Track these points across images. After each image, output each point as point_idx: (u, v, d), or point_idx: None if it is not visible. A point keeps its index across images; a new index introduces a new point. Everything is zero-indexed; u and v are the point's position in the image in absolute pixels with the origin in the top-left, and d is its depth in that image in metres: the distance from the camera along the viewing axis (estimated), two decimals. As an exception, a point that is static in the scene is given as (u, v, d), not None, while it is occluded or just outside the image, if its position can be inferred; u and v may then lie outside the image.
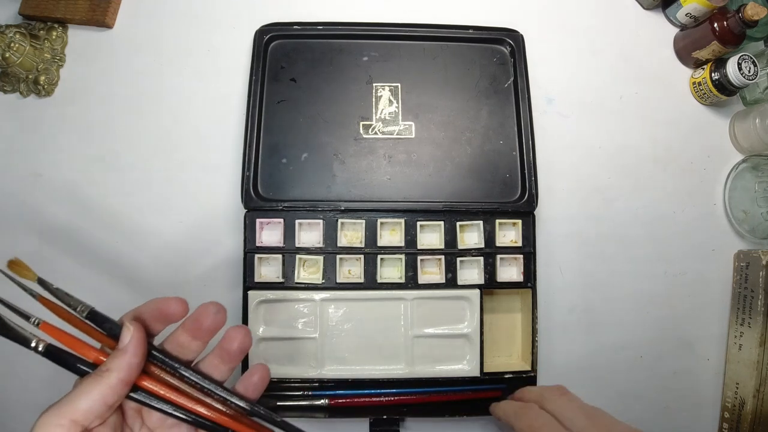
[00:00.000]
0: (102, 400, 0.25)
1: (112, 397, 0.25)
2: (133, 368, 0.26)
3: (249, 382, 0.31)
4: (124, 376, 0.26)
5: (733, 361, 0.51)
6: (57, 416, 0.24)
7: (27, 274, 0.28)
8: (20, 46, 0.50)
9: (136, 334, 0.26)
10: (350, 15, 0.54)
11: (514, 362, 0.49)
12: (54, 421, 0.24)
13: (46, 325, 0.27)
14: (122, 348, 0.26)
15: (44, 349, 0.26)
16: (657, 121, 0.56)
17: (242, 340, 0.30)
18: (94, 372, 0.26)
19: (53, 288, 0.28)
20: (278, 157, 0.49)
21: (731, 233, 0.55)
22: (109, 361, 0.26)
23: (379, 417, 0.46)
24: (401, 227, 0.47)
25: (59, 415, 0.24)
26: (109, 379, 0.25)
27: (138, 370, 0.27)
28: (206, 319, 0.29)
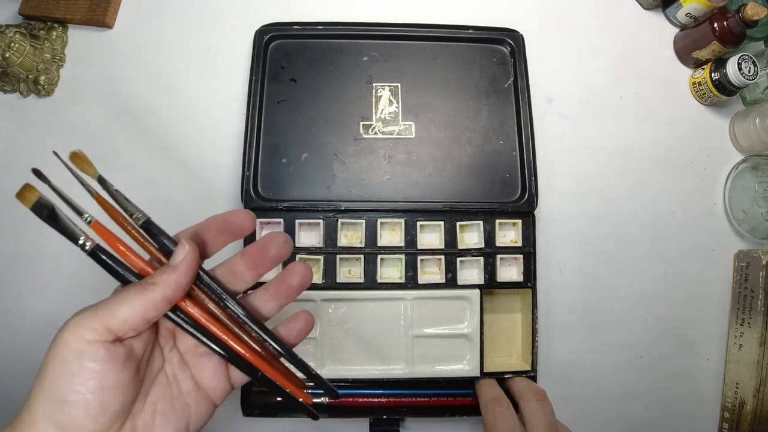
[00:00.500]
0: (141, 313, 0.24)
1: (152, 312, 0.24)
2: (180, 288, 0.25)
3: (293, 327, 0.30)
4: (168, 294, 0.25)
5: (733, 361, 0.51)
6: (92, 319, 0.23)
7: (88, 170, 0.27)
8: (20, 46, 0.50)
9: (190, 254, 0.26)
10: (350, 15, 0.54)
11: (514, 362, 0.49)
12: (88, 324, 0.23)
13: (98, 224, 0.26)
14: (173, 265, 0.25)
15: (91, 248, 0.25)
16: (657, 121, 0.56)
17: (304, 274, 0.29)
18: (138, 282, 0.25)
19: (113, 189, 0.27)
20: (278, 157, 0.49)
21: (731, 233, 0.55)
22: (156, 275, 0.25)
23: (379, 417, 0.46)
24: (401, 227, 0.47)
25: (95, 318, 0.23)
26: (153, 294, 0.24)
27: (184, 291, 0.26)
28: (273, 247, 0.28)
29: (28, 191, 0.26)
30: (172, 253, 0.26)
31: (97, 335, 0.23)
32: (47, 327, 0.49)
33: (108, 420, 0.23)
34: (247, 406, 0.45)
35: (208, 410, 0.28)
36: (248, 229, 0.28)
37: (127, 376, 0.24)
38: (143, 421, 0.25)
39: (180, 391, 0.27)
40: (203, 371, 0.28)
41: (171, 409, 0.26)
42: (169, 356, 0.28)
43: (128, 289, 0.25)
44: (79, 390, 0.22)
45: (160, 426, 0.26)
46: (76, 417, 0.22)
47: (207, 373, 0.28)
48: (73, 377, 0.22)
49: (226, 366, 0.29)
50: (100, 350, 0.23)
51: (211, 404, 0.29)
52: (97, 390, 0.23)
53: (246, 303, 0.29)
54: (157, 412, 0.26)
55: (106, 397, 0.23)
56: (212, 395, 0.29)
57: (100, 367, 0.23)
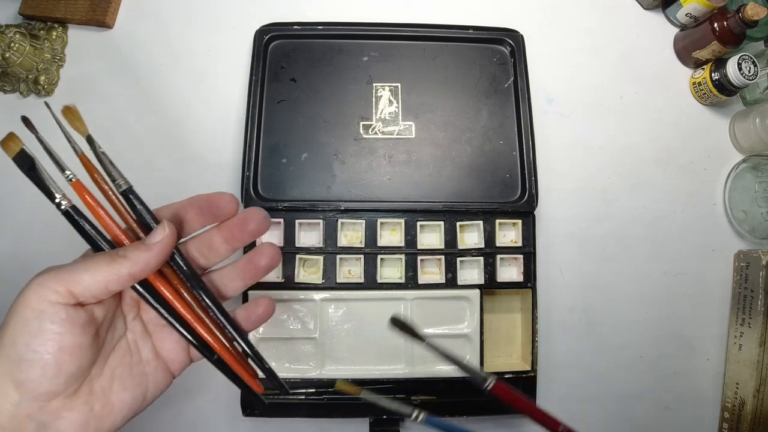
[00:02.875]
0: (105, 284, 0.24)
1: (116, 285, 0.24)
2: (148, 267, 0.25)
3: (251, 312, 0.30)
4: (136, 271, 0.24)
5: (733, 361, 0.51)
6: (55, 281, 0.23)
7: (79, 127, 0.26)
8: (20, 46, 0.50)
9: (167, 238, 0.25)
10: (350, 15, 0.54)
11: (514, 362, 0.49)
12: (51, 285, 0.23)
13: (79, 184, 0.25)
14: (147, 244, 0.25)
15: (66, 208, 0.25)
16: (657, 121, 0.56)
17: (272, 256, 0.29)
18: (108, 252, 0.25)
19: (99, 151, 0.26)
20: (278, 157, 0.49)
21: (731, 233, 0.55)
22: (129, 249, 0.25)
23: (379, 417, 0.46)
24: (401, 227, 0.47)
25: (58, 280, 0.23)
26: (120, 267, 0.24)
27: (152, 271, 0.25)
28: (252, 222, 0.28)
29: (11, 140, 0.26)
30: (149, 227, 0.26)
31: (59, 297, 0.23)
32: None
33: (64, 381, 0.23)
34: (247, 406, 0.45)
35: (165, 380, 0.28)
36: (230, 212, 0.28)
37: (85, 341, 0.24)
38: (100, 385, 0.25)
39: (140, 359, 0.28)
40: (164, 342, 0.28)
41: (129, 376, 0.27)
42: (132, 324, 0.28)
43: (97, 256, 0.24)
44: (37, 350, 0.23)
45: (117, 391, 0.26)
46: (33, 376, 0.23)
47: (168, 344, 0.28)
48: (32, 336, 0.23)
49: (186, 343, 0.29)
50: (60, 312, 0.23)
51: (169, 375, 0.29)
52: (54, 351, 0.23)
53: (212, 279, 0.29)
54: (115, 378, 0.26)
55: (64, 358, 0.23)
56: (171, 366, 0.29)
57: (59, 329, 0.23)
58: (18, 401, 0.23)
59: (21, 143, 0.26)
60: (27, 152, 0.26)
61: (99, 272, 0.24)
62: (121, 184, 0.26)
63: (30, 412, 0.23)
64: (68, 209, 0.25)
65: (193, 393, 0.48)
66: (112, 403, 0.26)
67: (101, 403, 0.25)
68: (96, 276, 0.24)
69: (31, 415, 0.23)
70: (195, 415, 0.48)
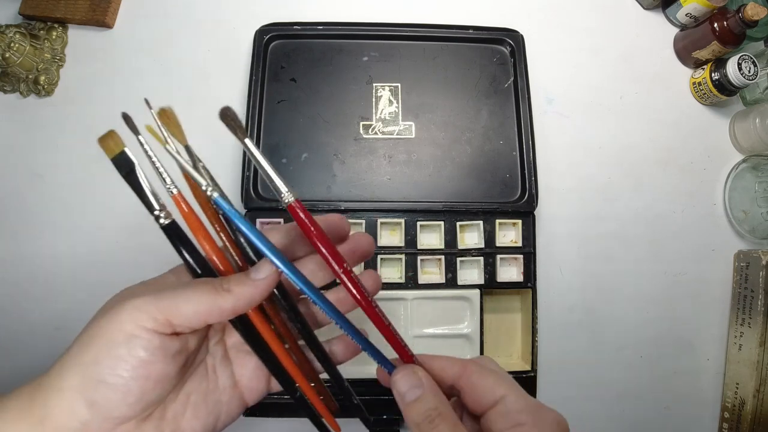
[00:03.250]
0: (206, 316, 0.22)
1: (216, 318, 0.23)
2: (252, 304, 0.23)
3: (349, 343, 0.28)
4: (239, 307, 0.23)
5: (733, 361, 0.51)
6: (155, 307, 0.22)
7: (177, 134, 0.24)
8: (20, 46, 0.50)
9: (275, 275, 0.24)
10: (350, 15, 0.54)
11: (514, 362, 0.49)
12: (150, 311, 0.22)
13: (181, 197, 0.23)
14: (254, 279, 0.23)
15: (166, 223, 0.23)
16: (657, 121, 0.56)
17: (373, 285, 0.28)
18: (211, 282, 0.23)
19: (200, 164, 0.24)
20: (278, 157, 0.49)
21: (731, 233, 0.55)
22: (233, 282, 0.23)
23: (379, 417, 0.46)
24: (401, 227, 0.47)
25: (158, 307, 0.22)
26: (224, 302, 0.22)
27: (254, 306, 0.24)
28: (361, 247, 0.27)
29: (112, 139, 0.23)
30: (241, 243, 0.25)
31: (156, 325, 0.22)
32: (47, 327, 0.49)
33: (142, 408, 0.22)
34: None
35: (239, 409, 0.27)
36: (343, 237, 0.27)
37: (173, 369, 0.23)
38: (173, 411, 0.24)
39: (216, 386, 0.26)
40: (244, 369, 0.27)
41: (203, 403, 0.25)
42: (213, 348, 0.27)
43: (199, 286, 0.23)
44: (121, 374, 0.21)
45: (189, 419, 0.25)
46: (112, 399, 0.21)
47: (247, 372, 0.27)
48: (119, 360, 0.21)
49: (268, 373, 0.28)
50: (154, 340, 0.22)
51: (243, 404, 0.27)
52: (140, 378, 0.22)
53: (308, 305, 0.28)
54: (189, 404, 0.25)
55: (148, 386, 0.22)
56: (246, 395, 0.27)
57: (149, 357, 0.22)
58: (87, 420, 0.21)
59: (123, 144, 0.24)
60: (128, 156, 0.23)
61: (201, 303, 0.22)
62: None
63: None
64: (167, 225, 0.23)
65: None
66: (182, 430, 0.24)
67: (171, 429, 0.24)
68: (198, 308, 0.22)
69: None
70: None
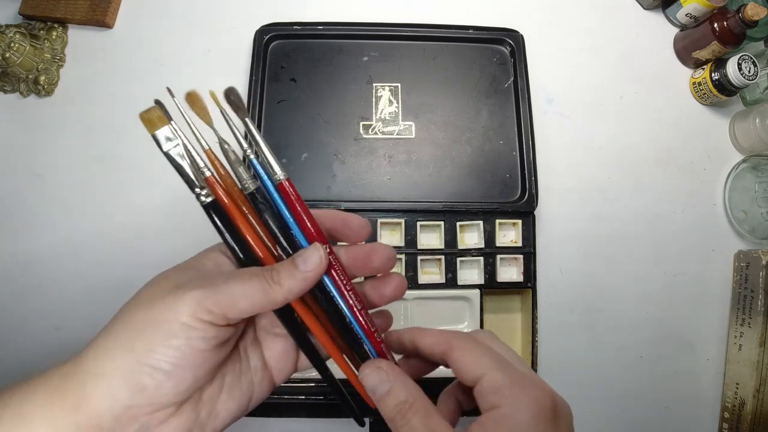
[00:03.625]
0: (259, 308, 0.23)
1: (267, 308, 0.23)
2: (300, 294, 0.23)
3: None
4: (290, 300, 0.23)
5: (733, 361, 0.51)
6: (213, 302, 0.22)
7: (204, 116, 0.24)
8: (20, 46, 0.50)
9: (323, 266, 0.24)
10: (350, 15, 0.54)
11: (514, 362, 0.49)
12: (208, 305, 0.22)
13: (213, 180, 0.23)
14: (303, 271, 0.23)
15: (207, 201, 0.23)
16: (657, 121, 0.56)
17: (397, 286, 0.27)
18: (261, 274, 0.23)
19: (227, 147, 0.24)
20: (278, 157, 0.48)
21: (731, 233, 0.55)
22: (283, 273, 0.23)
23: (379, 417, 0.46)
24: (401, 227, 0.47)
25: (216, 302, 0.22)
26: (276, 295, 0.23)
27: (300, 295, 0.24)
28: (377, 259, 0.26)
29: (155, 114, 0.23)
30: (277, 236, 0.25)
31: (213, 318, 0.22)
32: (47, 327, 0.49)
33: (186, 392, 0.22)
34: (247, 406, 0.45)
35: (269, 389, 0.27)
36: (362, 239, 0.27)
37: (221, 357, 0.23)
38: (210, 393, 0.24)
39: (249, 366, 0.27)
40: (273, 351, 0.27)
41: (237, 385, 0.26)
42: (245, 331, 0.27)
43: (250, 279, 0.23)
44: (178, 363, 0.21)
45: (225, 400, 0.25)
46: (164, 386, 0.21)
47: (275, 353, 0.27)
48: (175, 350, 0.21)
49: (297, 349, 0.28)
50: (210, 332, 0.22)
51: (272, 383, 0.28)
52: (194, 367, 0.22)
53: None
54: (225, 386, 0.25)
55: (199, 374, 0.22)
56: (276, 375, 0.28)
57: (205, 347, 0.22)
58: (130, 404, 0.21)
59: (166, 120, 0.23)
60: (173, 132, 0.23)
61: (255, 298, 0.22)
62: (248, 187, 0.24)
63: (137, 415, 0.22)
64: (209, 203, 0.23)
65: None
66: (217, 411, 0.25)
67: (207, 411, 0.24)
68: (252, 301, 0.22)
69: (137, 417, 0.22)
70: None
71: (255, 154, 0.25)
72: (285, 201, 0.25)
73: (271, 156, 0.25)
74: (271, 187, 0.24)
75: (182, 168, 0.23)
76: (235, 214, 0.24)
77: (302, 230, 0.25)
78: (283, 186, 0.25)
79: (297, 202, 0.25)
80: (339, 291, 0.25)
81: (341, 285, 0.25)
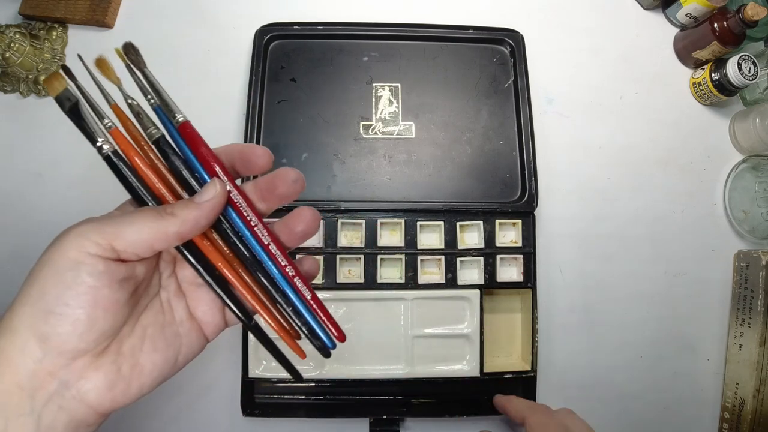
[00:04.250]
0: (150, 241, 0.22)
1: (161, 243, 0.22)
2: (197, 227, 0.23)
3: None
4: (184, 231, 0.23)
5: (733, 361, 0.51)
6: (97, 233, 0.21)
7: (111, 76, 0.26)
8: (20, 46, 0.50)
9: (220, 196, 0.23)
10: (350, 15, 0.54)
11: (514, 362, 0.49)
12: (92, 236, 0.21)
13: (118, 132, 0.24)
14: (198, 202, 0.23)
15: (107, 152, 0.24)
16: (657, 121, 0.56)
17: (309, 223, 0.27)
18: (154, 208, 0.23)
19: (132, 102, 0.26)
20: (278, 157, 0.49)
21: (731, 233, 0.55)
22: (176, 206, 0.23)
23: (379, 417, 0.46)
24: (401, 227, 0.47)
25: (100, 232, 0.21)
26: (168, 225, 0.22)
27: (201, 231, 0.24)
28: (281, 185, 0.26)
29: (56, 79, 0.25)
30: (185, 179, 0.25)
31: (99, 250, 0.21)
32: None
33: (94, 339, 0.22)
34: (247, 406, 0.45)
35: (199, 343, 0.27)
36: (263, 168, 0.26)
37: (121, 297, 0.23)
38: (130, 345, 0.24)
39: (173, 318, 0.26)
40: (199, 303, 0.27)
41: (161, 336, 0.25)
42: (166, 282, 0.26)
43: (143, 212, 0.23)
44: (69, 303, 0.21)
45: (148, 352, 0.24)
46: (61, 331, 0.21)
47: (203, 305, 0.27)
48: (66, 288, 0.21)
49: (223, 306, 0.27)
50: (99, 265, 0.21)
51: (203, 338, 0.27)
52: (88, 306, 0.21)
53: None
54: (146, 338, 0.24)
55: (97, 314, 0.22)
56: (205, 329, 0.27)
57: (95, 283, 0.21)
58: (41, 358, 0.21)
59: (65, 82, 0.25)
60: (70, 93, 0.24)
61: (145, 229, 0.22)
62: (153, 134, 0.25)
63: (53, 370, 0.21)
64: (109, 154, 0.24)
65: (193, 393, 0.48)
66: (141, 365, 0.24)
67: (130, 364, 0.23)
68: (141, 233, 0.22)
69: (54, 372, 0.21)
70: (195, 415, 0.48)
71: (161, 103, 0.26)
72: (186, 141, 0.25)
73: (170, 101, 0.26)
74: (172, 129, 0.26)
75: (82, 123, 0.24)
76: (135, 161, 0.24)
77: (205, 168, 0.25)
78: (183, 128, 0.25)
79: (198, 141, 0.25)
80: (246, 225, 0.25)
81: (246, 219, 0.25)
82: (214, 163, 0.25)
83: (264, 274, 0.26)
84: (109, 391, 0.22)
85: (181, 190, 0.25)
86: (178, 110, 0.26)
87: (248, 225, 0.25)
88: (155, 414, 0.47)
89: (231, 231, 0.26)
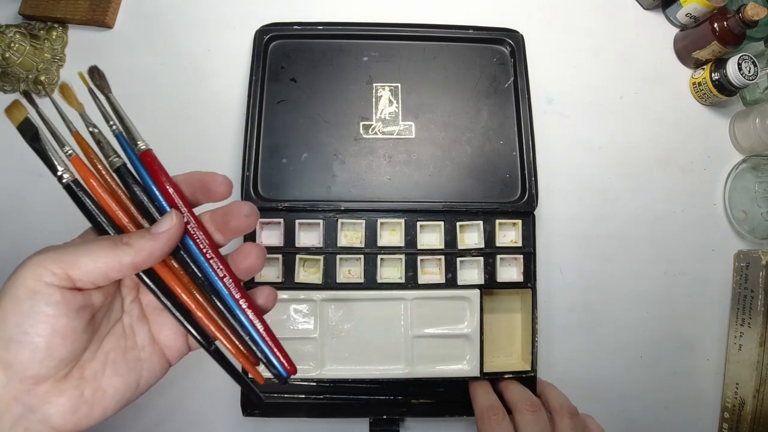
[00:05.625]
0: (105, 271, 0.23)
1: (116, 273, 0.23)
2: (152, 258, 0.24)
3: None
4: (139, 261, 0.23)
5: (733, 361, 0.51)
6: (53, 262, 0.22)
7: (73, 103, 0.26)
8: (20, 46, 0.50)
9: (176, 228, 0.24)
10: (350, 15, 0.54)
11: (514, 362, 0.49)
12: (48, 265, 0.22)
13: (78, 160, 0.24)
14: (153, 233, 0.24)
15: (68, 181, 0.24)
16: (657, 121, 0.56)
17: (254, 261, 0.27)
18: (112, 237, 0.24)
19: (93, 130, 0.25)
20: (278, 157, 0.49)
21: (731, 233, 0.55)
22: (132, 236, 0.23)
23: (379, 417, 0.46)
24: (401, 227, 0.47)
25: (56, 261, 0.22)
26: (123, 256, 0.23)
27: (156, 262, 0.24)
28: (234, 219, 0.27)
29: (16, 108, 0.25)
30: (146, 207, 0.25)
31: (55, 279, 0.22)
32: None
33: (54, 365, 0.23)
34: (247, 406, 0.45)
35: (161, 368, 0.27)
36: (221, 196, 0.27)
37: (79, 325, 0.23)
38: (92, 370, 0.24)
39: (135, 343, 0.27)
40: (162, 327, 0.27)
41: (123, 361, 0.26)
42: (129, 307, 0.27)
43: (99, 241, 0.23)
44: (27, 331, 0.22)
45: (110, 377, 0.25)
46: (22, 358, 0.22)
47: (166, 330, 0.27)
48: (24, 317, 0.22)
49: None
50: (55, 294, 0.22)
51: (165, 362, 0.28)
52: (46, 334, 0.22)
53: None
54: (108, 363, 0.25)
55: (56, 342, 0.22)
56: (168, 354, 0.28)
57: (53, 312, 0.22)
58: (5, 383, 0.22)
59: (26, 111, 0.25)
60: (31, 121, 0.25)
61: (100, 258, 0.22)
62: (115, 162, 0.25)
63: (17, 395, 0.22)
64: (70, 183, 0.24)
65: (193, 393, 0.48)
66: (103, 389, 0.25)
67: (92, 388, 0.24)
68: (97, 262, 0.22)
69: (18, 398, 0.22)
70: (195, 415, 0.48)
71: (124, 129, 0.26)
72: (147, 170, 0.26)
73: (133, 127, 0.26)
74: (134, 157, 0.26)
75: (43, 153, 0.24)
76: (95, 190, 0.25)
77: (164, 197, 0.25)
78: (144, 156, 0.26)
79: (158, 170, 0.26)
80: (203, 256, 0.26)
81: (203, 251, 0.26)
82: (174, 192, 0.26)
83: (222, 302, 0.26)
84: (72, 414, 0.23)
85: (141, 219, 0.26)
86: (140, 137, 0.26)
87: (204, 256, 0.26)
88: (155, 414, 0.47)
89: (190, 259, 0.26)
